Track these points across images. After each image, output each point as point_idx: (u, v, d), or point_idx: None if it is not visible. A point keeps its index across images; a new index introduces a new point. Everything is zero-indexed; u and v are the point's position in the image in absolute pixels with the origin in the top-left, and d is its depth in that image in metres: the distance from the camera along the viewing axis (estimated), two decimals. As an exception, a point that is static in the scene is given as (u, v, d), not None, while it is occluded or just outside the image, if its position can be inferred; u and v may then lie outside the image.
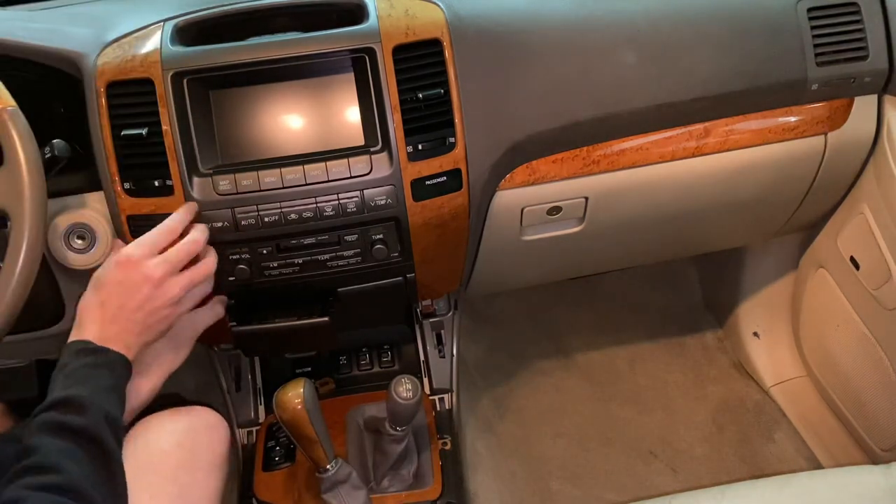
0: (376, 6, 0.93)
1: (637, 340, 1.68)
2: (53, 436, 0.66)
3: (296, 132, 0.91)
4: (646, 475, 1.43)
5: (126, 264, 0.79)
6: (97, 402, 0.70)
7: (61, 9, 1.08)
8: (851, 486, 0.86)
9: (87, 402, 0.69)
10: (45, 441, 0.66)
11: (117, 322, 0.77)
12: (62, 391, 0.70)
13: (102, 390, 0.72)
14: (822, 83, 1.01)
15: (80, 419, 0.68)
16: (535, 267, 1.26)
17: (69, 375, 0.72)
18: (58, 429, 0.67)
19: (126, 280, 0.78)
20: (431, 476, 1.10)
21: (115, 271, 0.79)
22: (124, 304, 0.77)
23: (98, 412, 0.70)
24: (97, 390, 0.72)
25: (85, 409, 0.69)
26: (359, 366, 1.34)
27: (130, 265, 0.79)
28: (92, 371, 0.73)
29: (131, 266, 0.79)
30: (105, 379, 0.73)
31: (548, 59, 0.96)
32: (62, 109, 0.92)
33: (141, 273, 0.78)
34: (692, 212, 1.16)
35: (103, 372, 0.74)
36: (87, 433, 0.68)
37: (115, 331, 0.77)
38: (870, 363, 1.23)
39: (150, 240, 0.82)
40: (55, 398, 0.70)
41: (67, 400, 0.69)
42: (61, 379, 0.72)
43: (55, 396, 0.70)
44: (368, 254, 0.95)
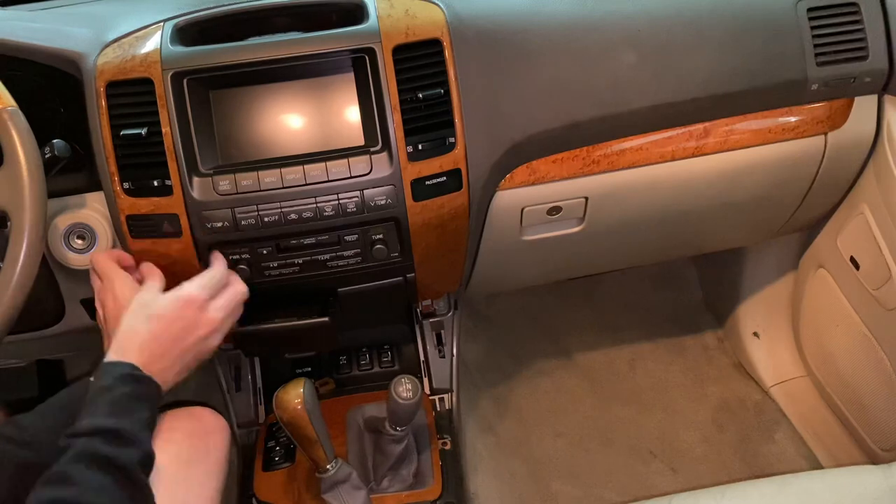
0: (376, 6, 0.93)
1: (637, 340, 1.68)
2: (95, 469, 0.65)
3: (296, 132, 0.91)
4: (646, 475, 1.43)
5: (191, 305, 0.79)
6: (137, 439, 0.69)
7: (61, 9, 1.08)
8: (851, 486, 0.86)
9: (128, 437, 0.68)
10: (86, 475, 0.64)
11: (165, 359, 0.77)
12: (106, 419, 0.69)
13: (141, 424, 0.71)
14: (822, 83, 1.01)
15: (121, 454, 0.67)
16: (535, 267, 1.26)
17: (113, 403, 0.70)
18: (98, 461, 0.66)
19: (188, 321, 0.78)
20: (431, 476, 1.10)
21: (179, 309, 0.78)
22: (176, 344, 0.77)
23: (140, 451, 0.69)
24: (138, 425, 0.71)
25: (127, 445, 0.68)
26: (359, 366, 1.35)
27: (196, 307, 0.79)
28: (135, 403, 0.72)
29: (196, 308, 0.79)
30: (145, 412, 0.72)
31: (548, 59, 0.96)
32: (62, 109, 0.92)
33: (205, 317, 0.79)
34: (692, 212, 1.16)
35: (144, 405, 0.73)
36: (126, 472, 0.67)
37: (159, 367, 0.76)
38: (870, 363, 1.23)
39: (213, 283, 0.83)
40: (98, 425, 0.68)
41: (112, 431, 0.68)
42: (105, 404, 0.70)
43: (98, 423, 0.68)
44: (368, 254, 0.95)
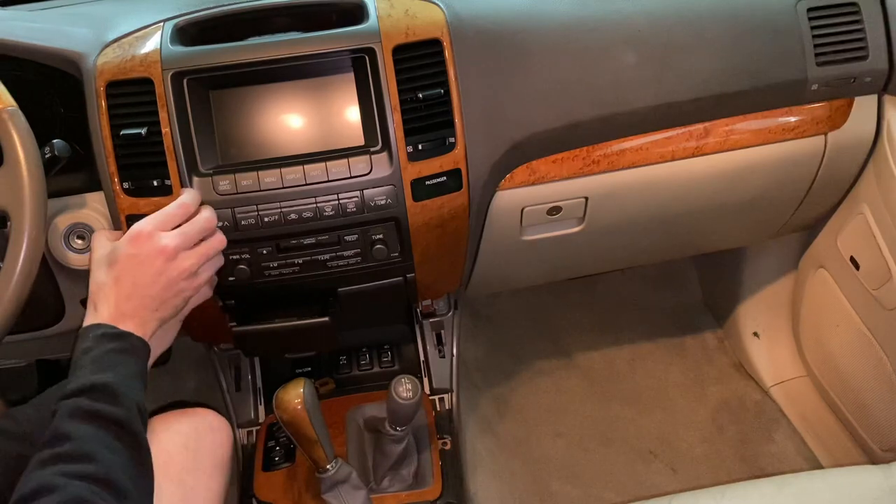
0: (376, 6, 0.93)
1: (637, 340, 1.68)
2: (87, 423, 0.65)
3: (296, 132, 0.91)
4: (646, 475, 1.43)
5: (138, 238, 0.77)
6: (127, 391, 0.69)
7: (61, 9, 1.08)
8: (851, 486, 0.86)
9: (118, 391, 0.68)
10: (79, 428, 0.64)
11: (133, 298, 0.75)
12: (90, 377, 0.68)
13: (129, 378, 0.70)
14: (822, 83, 1.01)
15: (113, 409, 0.66)
16: (536, 267, 1.26)
17: (95, 360, 0.70)
18: (91, 416, 0.65)
19: (139, 254, 0.76)
20: (431, 476, 1.10)
21: (128, 246, 0.77)
22: (138, 278, 0.76)
23: (130, 401, 0.68)
24: (126, 378, 0.70)
25: (117, 398, 0.67)
26: (359, 366, 1.35)
27: (142, 238, 0.77)
28: (118, 357, 0.72)
29: (143, 239, 0.77)
30: (131, 365, 0.72)
31: (548, 59, 0.96)
32: (62, 109, 0.92)
33: (154, 246, 0.77)
34: (692, 212, 1.16)
35: (129, 358, 0.72)
36: (121, 423, 0.66)
37: (131, 307, 0.75)
38: (870, 363, 1.23)
39: (162, 215, 0.80)
40: (84, 383, 0.68)
41: (98, 386, 0.67)
42: (87, 363, 0.70)
43: (84, 381, 0.68)
44: (368, 254, 0.95)
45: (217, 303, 1.01)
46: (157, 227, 0.79)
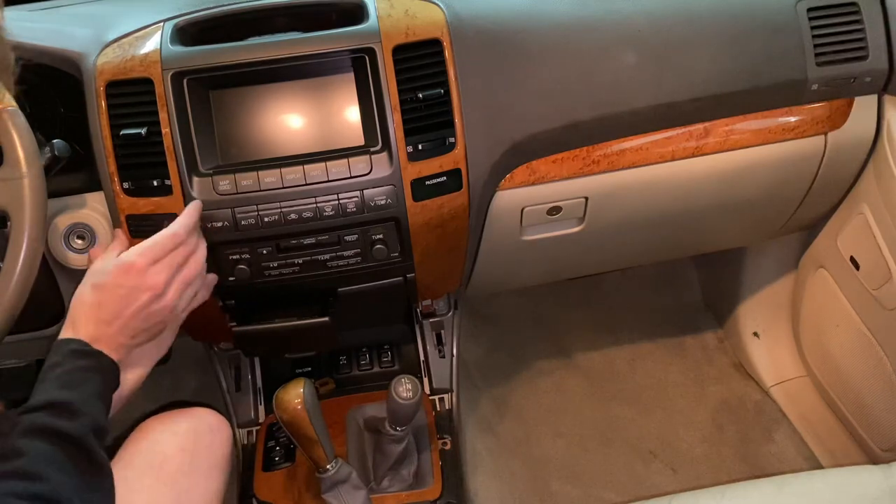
0: (376, 6, 0.93)
1: (637, 340, 1.68)
2: (42, 440, 0.65)
3: (296, 132, 0.91)
4: (646, 475, 1.43)
5: (129, 271, 0.77)
6: (87, 410, 0.69)
7: (61, 9, 1.08)
8: (851, 486, 0.86)
9: (77, 409, 0.68)
10: (34, 445, 0.64)
11: (112, 325, 0.76)
12: (53, 392, 0.69)
13: (92, 397, 0.71)
14: (822, 83, 1.01)
15: (70, 425, 0.67)
16: (536, 267, 1.26)
17: (60, 377, 0.70)
18: (47, 433, 0.65)
19: (127, 288, 0.77)
20: (431, 476, 1.10)
21: (117, 276, 0.77)
22: (122, 310, 0.76)
23: (87, 421, 0.68)
24: (88, 397, 0.70)
25: (75, 416, 0.67)
26: (359, 366, 1.35)
27: (133, 273, 0.77)
28: (84, 375, 0.72)
29: (134, 274, 0.77)
30: (96, 385, 0.72)
31: (548, 59, 0.96)
32: (62, 109, 0.92)
33: (144, 282, 0.77)
34: (692, 212, 1.16)
35: (95, 378, 0.72)
36: (75, 441, 0.66)
37: (109, 333, 0.76)
38: (870, 363, 1.23)
39: (155, 248, 0.80)
40: (46, 399, 0.68)
41: (58, 403, 0.68)
42: (52, 379, 0.70)
43: (45, 398, 0.68)
44: (368, 254, 0.95)
45: (217, 303, 1.01)
46: (149, 260, 0.79)
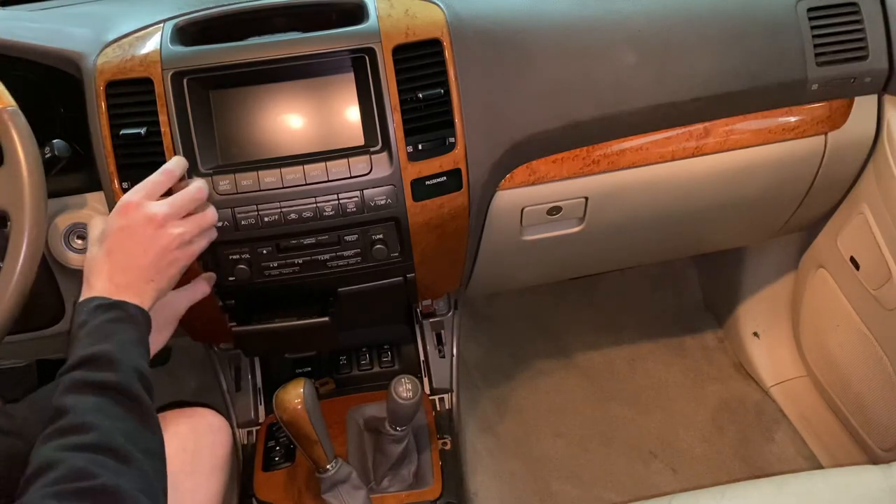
0: (376, 6, 0.93)
1: (637, 340, 1.68)
2: (85, 394, 0.63)
3: (296, 132, 0.91)
4: (646, 475, 1.43)
5: (126, 208, 0.76)
6: (125, 358, 0.67)
7: (61, 9, 1.08)
8: (851, 486, 0.86)
9: (115, 358, 0.66)
10: (78, 400, 0.63)
11: (127, 270, 0.74)
12: (87, 349, 0.67)
13: (128, 344, 0.69)
14: (822, 83, 1.01)
15: (111, 375, 0.65)
16: (536, 267, 1.26)
17: (91, 333, 0.68)
18: (89, 387, 0.64)
19: (129, 224, 0.75)
20: (431, 476, 1.10)
21: (116, 218, 0.76)
22: (130, 249, 0.74)
23: (128, 367, 0.67)
24: (123, 345, 0.68)
25: (114, 365, 0.66)
26: (359, 366, 1.35)
27: (130, 208, 0.76)
28: (114, 326, 0.70)
29: (131, 209, 0.76)
30: (129, 333, 0.70)
31: (548, 59, 0.96)
32: (62, 109, 0.92)
33: (142, 214, 0.75)
34: (692, 212, 1.16)
35: (126, 326, 0.70)
36: (119, 388, 0.65)
37: (125, 279, 0.73)
38: (870, 363, 1.23)
39: (149, 183, 0.79)
40: (81, 356, 0.66)
41: (95, 357, 0.66)
42: (83, 337, 0.68)
43: (81, 354, 0.66)
44: (368, 254, 0.95)
45: (217, 303, 1.01)
46: (145, 196, 0.77)
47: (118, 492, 0.56)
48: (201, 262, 0.93)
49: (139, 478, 0.60)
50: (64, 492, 0.55)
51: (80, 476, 0.56)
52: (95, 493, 0.55)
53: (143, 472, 0.61)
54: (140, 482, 0.59)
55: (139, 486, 0.59)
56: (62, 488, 0.55)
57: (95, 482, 0.56)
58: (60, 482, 0.56)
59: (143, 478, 0.60)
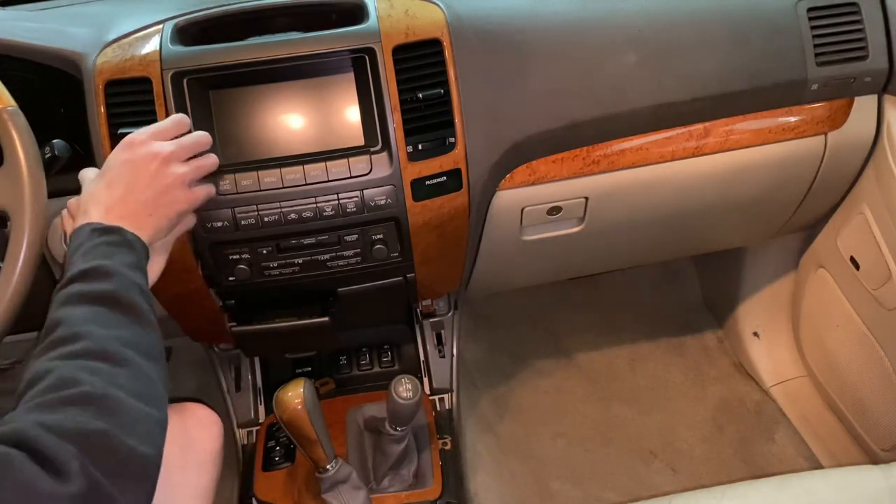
0: (376, 6, 0.93)
1: (637, 340, 1.68)
2: (79, 305, 0.62)
3: (296, 132, 0.91)
4: (646, 475, 1.43)
5: (131, 144, 0.75)
6: (123, 272, 0.65)
7: (61, 9, 1.08)
8: (851, 486, 0.86)
9: (112, 270, 0.65)
10: (70, 311, 0.61)
11: (126, 202, 0.72)
12: (82, 265, 0.65)
13: (125, 266, 0.67)
14: (823, 83, 1.01)
15: (106, 284, 0.64)
16: (536, 267, 1.26)
17: (87, 252, 0.67)
18: (83, 298, 0.63)
19: (133, 158, 0.74)
20: (431, 476, 1.10)
21: (121, 152, 0.75)
22: (132, 182, 0.73)
23: (125, 279, 0.65)
24: (121, 265, 0.66)
25: (110, 276, 0.64)
26: (359, 366, 1.35)
27: (136, 144, 0.75)
28: (110, 248, 0.68)
29: (136, 144, 0.75)
30: (127, 256, 0.68)
31: (548, 59, 0.96)
32: (62, 109, 0.92)
33: (148, 150, 0.75)
34: (692, 212, 1.16)
35: (123, 250, 0.68)
36: (114, 297, 0.63)
37: (125, 211, 0.72)
38: (870, 363, 1.23)
39: (157, 126, 0.78)
40: (76, 271, 0.65)
41: (90, 270, 0.64)
42: (79, 256, 0.66)
43: (75, 270, 0.65)
44: (368, 254, 0.95)
45: (217, 303, 1.01)
46: (150, 136, 0.77)
47: (105, 396, 0.55)
48: (200, 262, 0.93)
49: (136, 380, 0.59)
50: (48, 402, 0.54)
51: (66, 384, 0.55)
52: (79, 400, 0.54)
53: (140, 374, 0.59)
54: (137, 385, 0.58)
55: (136, 389, 0.58)
56: (46, 399, 0.54)
57: (81, 388, 0.55)
58: (46, 392, 0.55)
59: (140, 380, 0.59)
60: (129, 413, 0.56)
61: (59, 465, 0.50)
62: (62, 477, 0.49)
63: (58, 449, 0.50)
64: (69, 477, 0.49)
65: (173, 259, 0.91)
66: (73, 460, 0.50)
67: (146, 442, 0.55)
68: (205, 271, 0.94)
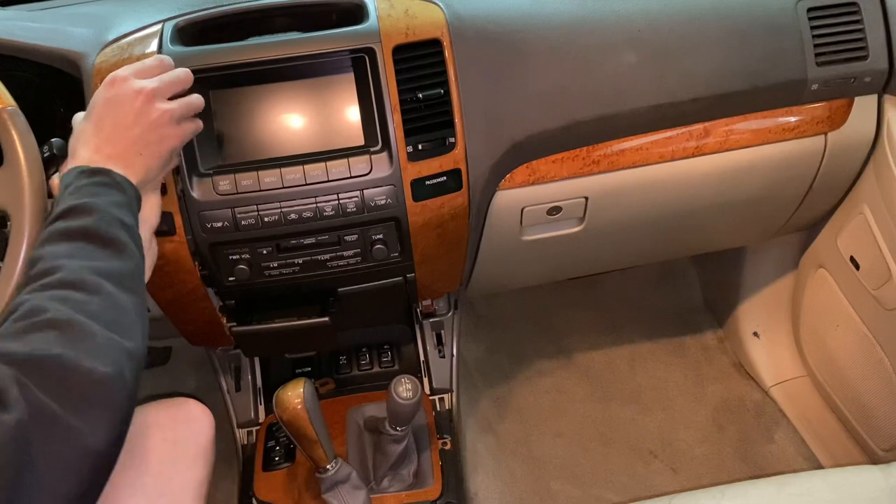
0: (376, 6, 0.93)
1: (637, 340, 1.68)
2: (58, 242, 0.62)
3: (296, 132, 0.91)
4: (646, 475, 1.43)
5: (114, 81, 0.75)
6: (106, 208, 0.65)
7: (61, 9, 1.08)
8: (851, 486, 0.86)
9: (94, 206, 0.64)
10: (50, 248, 0.62)
11: (114, 141, 0.71)
12: (68, 203, 0.65)
13: (112, 206, 0.66)
14: (822, 83, 1.01)
15: (86, 220, 0.63)
16: (536, 267, 1.26)
17: (74, 193, 0.66)
18: (63, 235, 0.63)
19: (117, 96, 0.73)
20: (431, 476, 1.10)
21: (104, 90, 0.74)
22: (118, 119, 0.72)
23: (108, 215, 0.65)
24: (108, 204, 0.66)
25: (92, 212, 0.64)
26: (359, 366, 1.35)
27: (118, 81, 0.74)
28: (98, 188, 0.67)
29: (119, 82, 0.74)
30: (115, 196, 0.67)
31: (548, 59, 0.96)
32: (62, 109, 0.92)
33: (131, 87, 0.74)
34: (692, 212, 1.16)
35: (112, 191, 0.68)
36: (93, 231, 0.63)
37: (113, 150, 0.71)
38: (870, 363, 1.23)
39: (140, 64, 0.77)
40: (60, 210, 0.65)
41: (73, 208, 0.64)
42: (66, 196, 0.66)
43: (60, 209, 0.65)
44: (368, 254, 0.95)
45: (216, 304, 1.01)
46: (133, 74, 0.76)
47: (69, 322, 0.55)
48: (198, 262, 0.93)
49: (110, 309, 0.59)
50: (13, 331, 0.55)
51: (34, 313, 0.56)
52: (44, 326, 0.55)
53: (115, 304, 0.59)
54: (109, 313, 0.58)
55: (106, 318, 0.58)
56: (13, 328, 0.55)
57: (46, 316, 0.55)
58: (15, 322, 0.55)
59: (112, 309, 0.59)
60: (94, 338, 0.56)
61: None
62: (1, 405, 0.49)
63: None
64: (7, 404, 0.49)
65: (169, 259, 0.91)
66: (11, 386, 0.50)
67: (109, 366, 0.55)
68: (204, 272, 0.94)
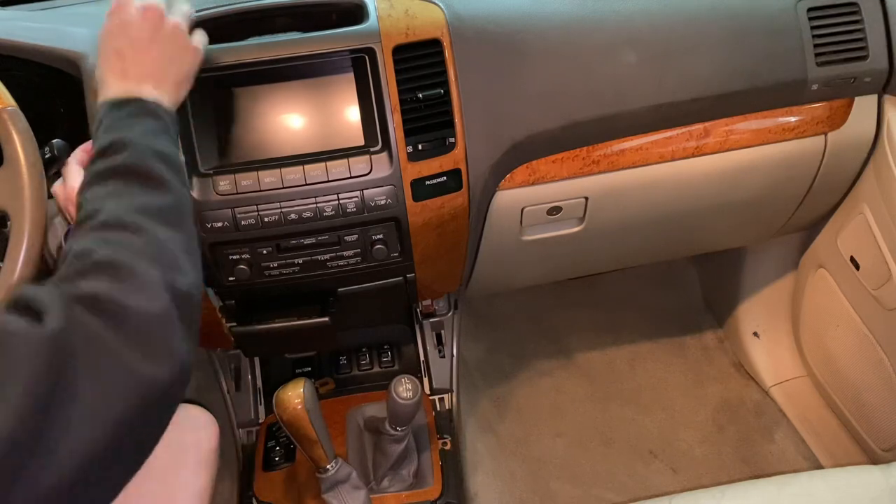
0: (376, 6, 0.93)
1: (637, 340, 1.68)
2: (97, 183, 0.64)
3: (296, 132, 0.91)
4: (646, 475, 1.43)
5: (118, 8, 0.76)
6: (143, 142, 0.66)
7: (61, 9, 1.08)
8: (851, 486, 0.86)
9: (128, 141, 0.66)
10: (90, 192, 0.63)
11: (140, 63, 0.73)
12: (102, 141, 0.67)
13: (150, 133, 0.68)
14: (823, 83, 1.01)
15: (121, 157, 0.65)
16: (536, 267, 1.26)
17: (108, 128, 0.68)
18: (100, 176, 0.64)
19: (127, 19, 0.75)
20: (431, 476, 1.10)
21: (112, 18, 0.75)
22: (134, 39, 0.74)
23: (143, 147, 0.66)
24: (143, 133, 0.67)
25: (127, 148, 0.65)
26: (359, 366, 1.35)
27: (122, 7, 0.76)
28: (133, 119, 0.69)
29: (123, 7, 0.76)
30: (150, 124, 0.69)
31: (548, 59, 0.96)
32: (62, 109, 0.92)
33: (136, 8, 0.75)
34: (692, 212, 1.16)
35: (146, 119, 0.69)
36: (126, 168, 0.64)
37: (141, 71, 0.72)
38: (870, 363, 1.23)
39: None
40: (96, 149, 0.67)
41: (108, 146, 0.66)
42: (101, 132, 0.68)
43: (96, 147, 0.67)
44: (368, 254, 0.95)
45: (216, 303, 1.01)
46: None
47: (113, 263, 0.56)
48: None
49: (151, 245, 0.59)
50: (60, 276, 0.56)
51: (79, 257, 0.57)
52: (89, 270, 0.55)
53: (155, 239, 0.60)
54: (152, 249, 0.59)
55: (150, 254, 0.58)
56: (61, 273, 0.56)
57: (90, 258, 0.56)
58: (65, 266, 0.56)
59: (155, 244, 0.60)
60: (136, 278, 0.56)
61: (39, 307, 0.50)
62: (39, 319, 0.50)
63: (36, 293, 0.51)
64: (45, 318, 0.50)
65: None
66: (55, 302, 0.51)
67: (153, 302, 0.55)
68: (203, 272, 0.94)
